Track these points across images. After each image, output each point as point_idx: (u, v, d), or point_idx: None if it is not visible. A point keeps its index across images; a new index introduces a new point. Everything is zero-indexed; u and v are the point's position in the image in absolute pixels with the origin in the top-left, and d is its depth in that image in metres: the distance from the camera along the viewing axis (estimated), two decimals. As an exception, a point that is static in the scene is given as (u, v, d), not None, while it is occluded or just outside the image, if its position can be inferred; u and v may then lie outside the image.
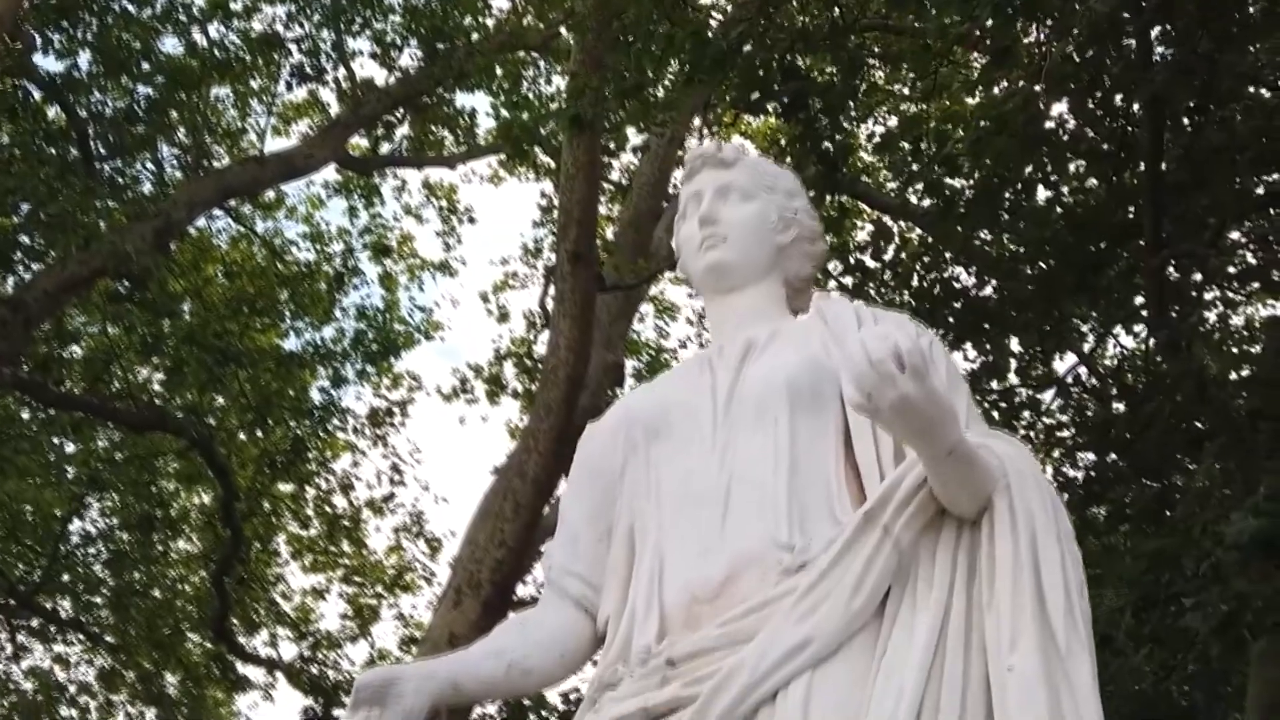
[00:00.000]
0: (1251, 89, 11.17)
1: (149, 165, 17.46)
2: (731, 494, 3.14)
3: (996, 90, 11.35)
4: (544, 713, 17.35)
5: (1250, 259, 12.28)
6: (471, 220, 20.86)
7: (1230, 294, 13.10)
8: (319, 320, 19.19)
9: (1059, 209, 11.59)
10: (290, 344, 19.17)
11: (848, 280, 12.65)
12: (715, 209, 3.59)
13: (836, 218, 12.57)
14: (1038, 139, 10.54)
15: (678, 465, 3.27)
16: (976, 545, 2.91)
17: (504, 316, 20.40)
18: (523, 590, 17.03)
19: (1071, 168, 11.97)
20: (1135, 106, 10.90)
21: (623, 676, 3.07)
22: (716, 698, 2.83)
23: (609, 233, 16.97)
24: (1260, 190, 11.31)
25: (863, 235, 14.14)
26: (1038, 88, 10.28)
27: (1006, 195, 11.18)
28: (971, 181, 11.30)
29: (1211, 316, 13.02)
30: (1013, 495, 2.88)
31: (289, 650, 21.39)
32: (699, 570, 3.08)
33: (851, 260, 12.83)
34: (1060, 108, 11.12)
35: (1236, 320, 13.68)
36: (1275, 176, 11.38)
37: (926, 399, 2.68)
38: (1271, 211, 12.42)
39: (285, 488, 20.14)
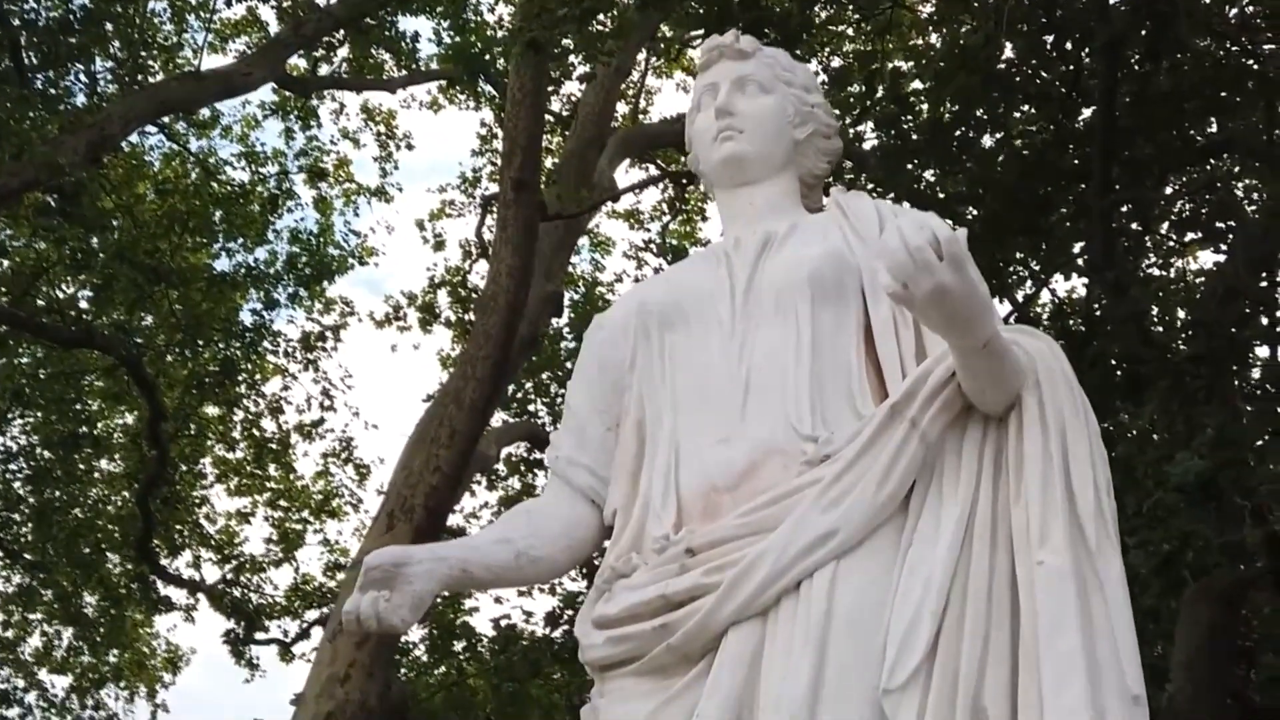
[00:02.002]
0: (1202, 42, 11.26)
1: (82, 78, 17.06)
2: (751, 384, 3.12)
3: (958, 28, 11.32)
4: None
5: (1190, 207, 12.41)
6: (409, 147, 20.65)
7: (1171, 241, 13.22)
8: (252, 242, 18.92)
9: (1007, 151, 11.61)
10: (222, 265, 18.92)
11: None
12: (733, 100, 3.54)
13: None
14: (994, 79, 10.53)
15: (694, 355, 3.24)
16: (1002, 441, 2.90)
17: (440, 245, 20.29)
18: (453, 519, 17.09)
19: (1020, 111, 12.00)
20: (1086, 51, 10.98)
21: (637, 565, 3.05)
22: (739, 586, 2.82)
23: (549, 163, 16.83)
24: (1203, 139, 11.43)
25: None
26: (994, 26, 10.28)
27: (956, 135, 11.18)
28: (921, 120, 11.29)
29: (1154, 263, 13.17)
30: (1043, 392, 2.87)
31: (212, 573, 21.26)
32: (718, 458, 3.05)
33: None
34: (1010, 51, 11.15)
35: (1178, 266, 13.84)
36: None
37: (965, 289, 2.64)
38: (1211, 163, 12.58)
39: (213, 410, 19.93)
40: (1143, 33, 10.28)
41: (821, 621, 2.74)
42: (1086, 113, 11.52)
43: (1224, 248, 11.57)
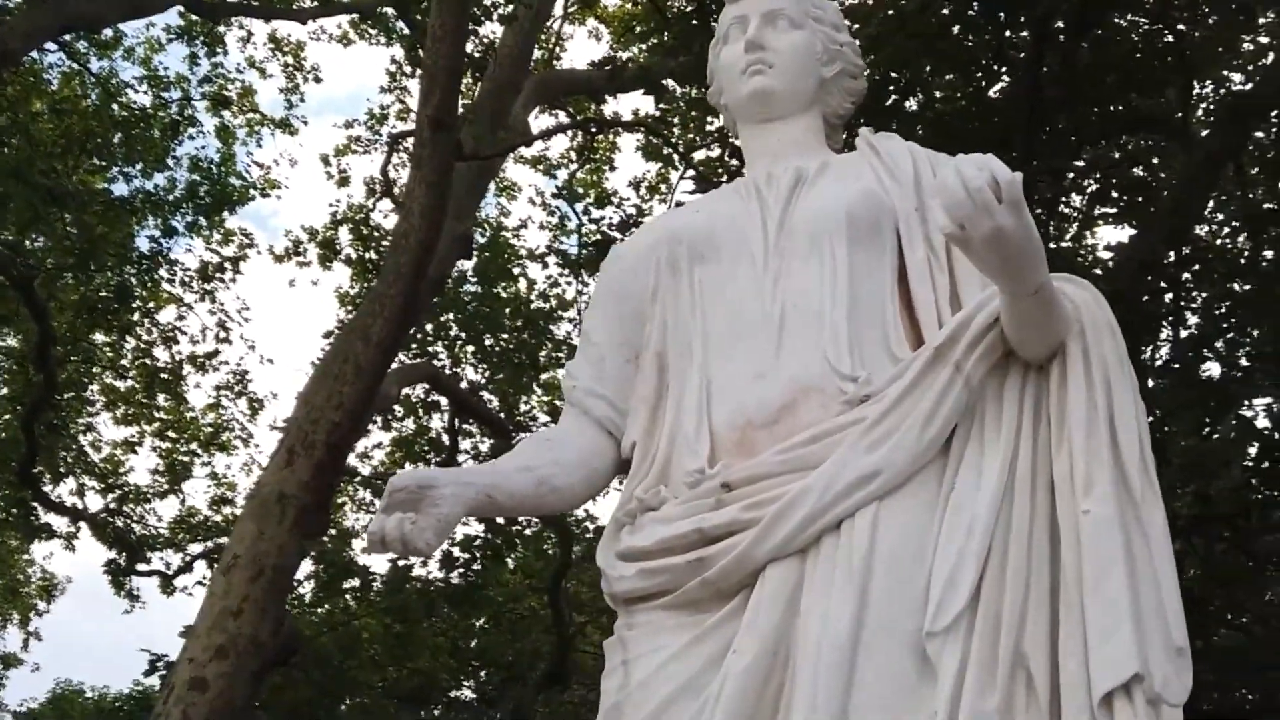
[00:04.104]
0: (1124, 18, 11.43)
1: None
2: (786, 320, 3.09)
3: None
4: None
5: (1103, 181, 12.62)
6: (317, 80, 20.34)
7: (1086, 212, 13.43)
8: (151, 167, 18.55)
9: (930, 115, 11.69)
10: (120, 189, 18.50)
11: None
12: (763, 34, 3.49)
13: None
14: (930, 43, 10.59)
15: (725, 288, 3.20)
16: (1042, 389, 2.89)
17: (344, 181, 20.00)
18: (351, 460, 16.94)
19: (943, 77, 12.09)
20: (1013, 21, 11.09)
21: (666, 498, 3.01)
22: (780, 523, 2.80)
23: (461, 104, 16.63)
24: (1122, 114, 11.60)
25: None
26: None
27: (883, 98, 11.24)
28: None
29: (1069, 235, 13.38)
30: (1087, 341, 2.86)
31: (95, 502, 20.92)
32: (754, 394, 3.02)
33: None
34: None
35: (1093, 238, 14.09)
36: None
37: (1022, 233, 2.61)
38: (1122, 139, 12.78)
39: (103, 337, 19.53)
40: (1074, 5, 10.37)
41: (863, 562, 2.73)
42: (1005, 83, 11.69)
43: (1135, 223, 11.82)
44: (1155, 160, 13.26)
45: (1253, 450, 11.77)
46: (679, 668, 2.83)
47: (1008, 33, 11.49)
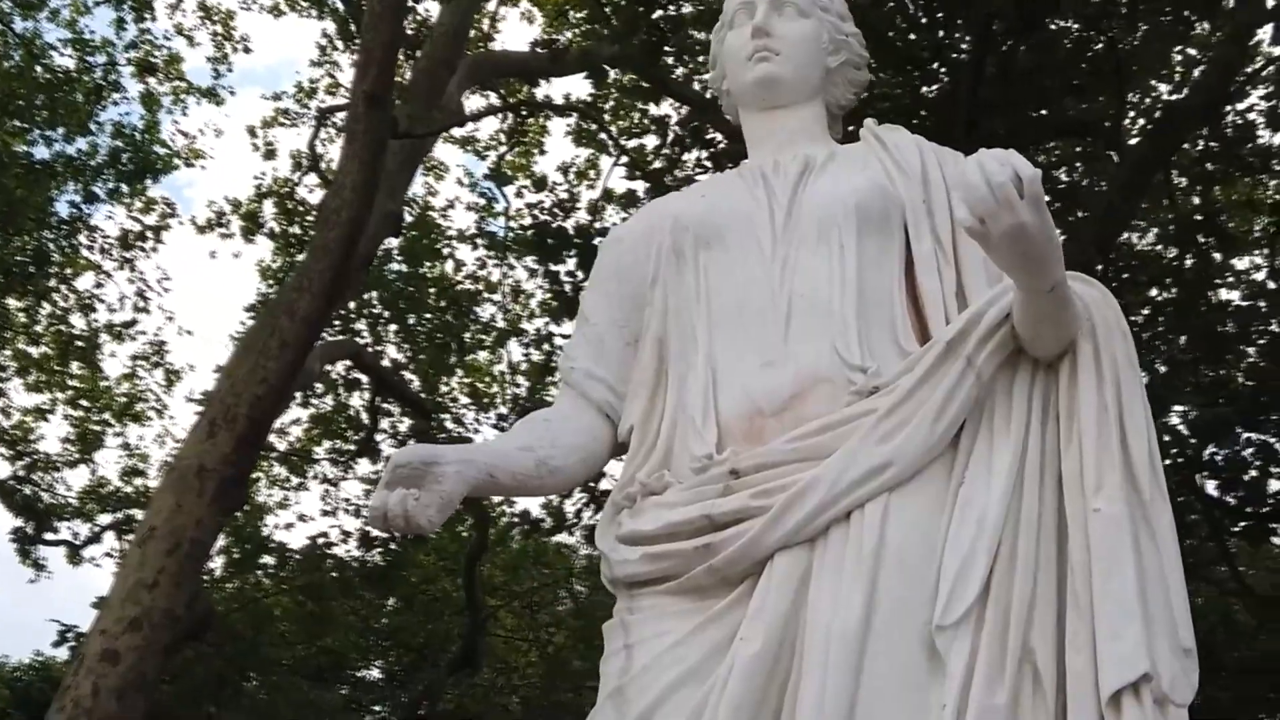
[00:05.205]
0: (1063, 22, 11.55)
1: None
2: (793, 308, 3.08)
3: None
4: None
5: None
6: (246, 50, 19.99)
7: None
8: (73, 132, 18.19)
9: (867, 113, 11.70)
10: (41, 152, 18.10)
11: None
12: (770, 21, 3.48)
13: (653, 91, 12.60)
14: (875, 39, 10.63)
15: (732, 274, 3.19)
16: (1050, 386, 2.90)
17: (270, 154, 19.73)
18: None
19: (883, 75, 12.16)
20: (951, 21, 11.18)
21: (670, 483, 3.00)
22: (790, 512, 2.79)
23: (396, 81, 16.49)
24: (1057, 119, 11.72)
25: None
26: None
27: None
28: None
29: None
30: (1098, 340, 2.87)
31: (3, 469, 20.54)
32: (763, 382, 3.01)
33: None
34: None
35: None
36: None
37: (1042, 230, 2.61)
38: (1050, 145, 12.92)
39: (17, 302, 19.16)
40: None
41: (873, 554, 2.73)
42: (943, 84, 11.77)
43: (1065, 229, 11.95)
44: (1080, 166, 13.41)
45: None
46: (684, 653, 2.82)
47: (941, 33, 11.60)
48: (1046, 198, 2.62)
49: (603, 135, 16.96)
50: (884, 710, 2.63)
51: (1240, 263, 14.35)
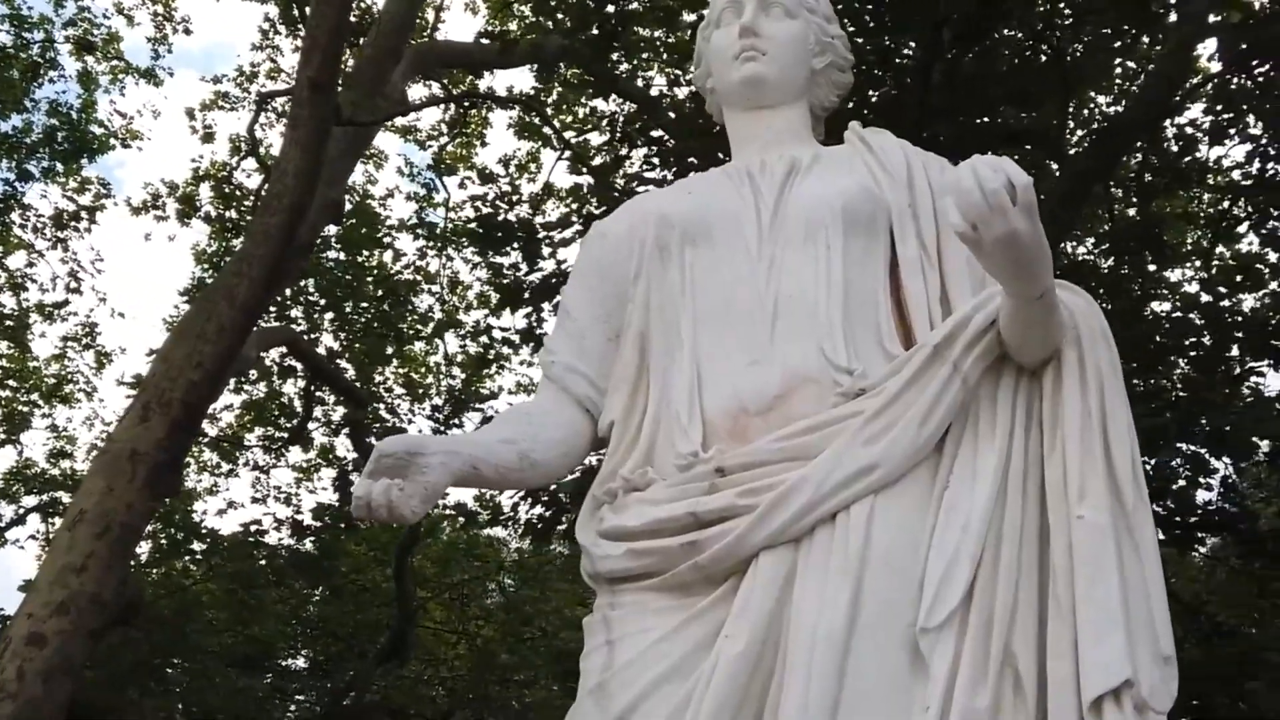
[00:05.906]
0: (1009, 31, 11.62)
1: None
2: (779, 308, 3.09)
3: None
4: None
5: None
6: (187, 31, 19.79)
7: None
8: (8, 108, 17.93)
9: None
10: (-27, 129, 17.86)
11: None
12: (758, 21, 3.50)
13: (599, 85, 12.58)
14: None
15: (720, 273, 3.19)
16: (1034, 393, 2.92)
17: (209, 137, 19.60)
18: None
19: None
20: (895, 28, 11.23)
21: (654, 480, 3.00)
22: (776, 511, 2.80)
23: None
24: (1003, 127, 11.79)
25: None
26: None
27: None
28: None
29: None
30: (1083, 349, 2.89)
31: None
32: (749, 381, 3.02)
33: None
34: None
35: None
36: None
37: (1034, 237, 2.62)
38: (989, 154, 12.97)
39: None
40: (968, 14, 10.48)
41: (859, 555, 2.74)
42: (888, 89, 11.81)
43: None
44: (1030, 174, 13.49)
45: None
46: (668, 649, 2.82)
47: (888, 40, 11.66)
48: None
49: (546, 129, 16.93)
50: (868, 711, 2.64)
51: (1173, 275, 14.53)
